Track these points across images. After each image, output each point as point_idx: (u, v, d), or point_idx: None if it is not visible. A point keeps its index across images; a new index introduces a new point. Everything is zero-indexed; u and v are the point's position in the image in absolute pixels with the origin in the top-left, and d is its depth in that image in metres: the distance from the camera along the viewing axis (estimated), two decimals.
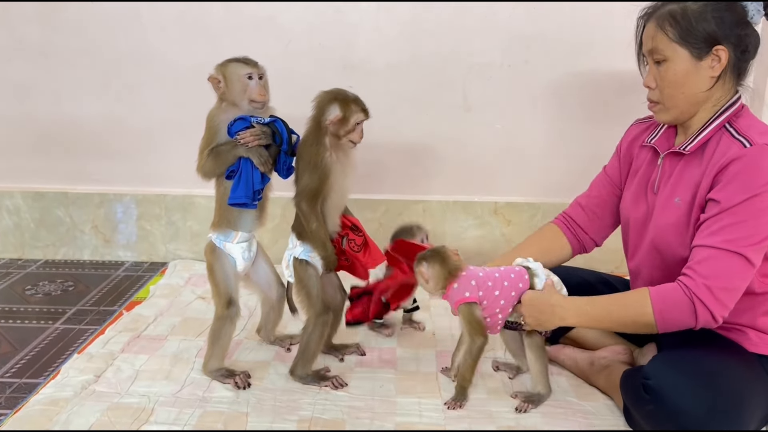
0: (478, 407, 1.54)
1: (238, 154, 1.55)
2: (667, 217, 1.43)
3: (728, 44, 1.34)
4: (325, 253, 1.61)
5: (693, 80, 1.38)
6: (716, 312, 1.30)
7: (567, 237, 1.70)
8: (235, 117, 1.56)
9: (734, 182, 1.31)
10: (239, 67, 1.57)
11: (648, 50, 1.42)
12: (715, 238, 1.31)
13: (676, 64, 1.37)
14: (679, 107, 1.42)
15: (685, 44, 1.36)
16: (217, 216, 1.64)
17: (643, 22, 1.45)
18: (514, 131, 2.47)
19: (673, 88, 1.40)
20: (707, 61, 1.36)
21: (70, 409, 1.50)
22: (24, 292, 2.29)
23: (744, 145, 1.32)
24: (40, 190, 2.58)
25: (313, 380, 1.63)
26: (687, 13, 1.35)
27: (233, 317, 1.63)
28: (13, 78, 2.48)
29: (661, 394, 1.29)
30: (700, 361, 1.33)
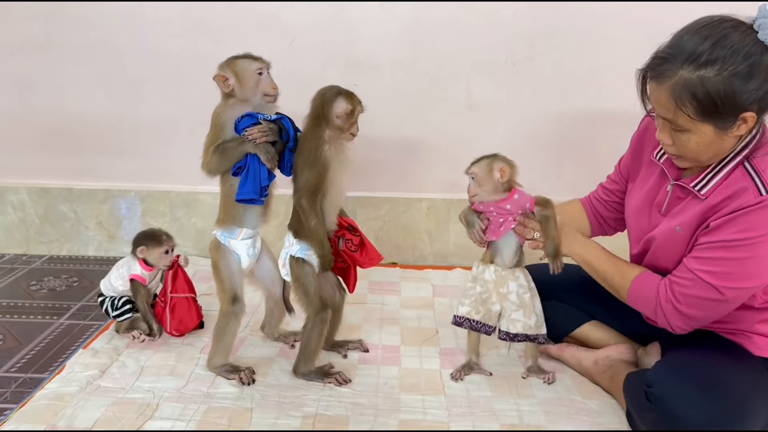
0: (482, 404, 1.55)
1: (245, 151, 1.56)
2: (667, 241, 1.41)
3: (755, 105, 1.21)
4: (321, 252, 1.61)
5: (717, 146, 1.28)
6: (674, 324, 1.36)
7: (588, 218, 1.74)
8: (242, 114, 1.56)
9: (739, 221, 1.25)
10: (250, 63, 1.58)
11: (663, 117, 1.29)
12: (700, 266, 1.30)
13: (699, 136, 1.26)
14: (702, 162, 1.33)
15: (709, 120, 1.23)
16: (222, 213, 1.65)
17: (644, 79, 1.30)
18: (517, 129, 2.47)
19: (695, 154, 1.30)
20: (734, 128, 1.24)
21: (76, 404, 1.50)
22: (29, 288, 2.30)
23: (760, 191, 1.23)
24: (45, 185, 2.59)
25: (316, 377, 1.63)
26: (708, 88, 1.19)
27: (238, 314, 1.64)
28: (18, 74, 2.49)
29: (664, 402, 1.28)
30: (703, 367, 1.33)
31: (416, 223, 2.55)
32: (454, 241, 2.55)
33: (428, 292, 2.25)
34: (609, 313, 1.70)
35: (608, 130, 2.42)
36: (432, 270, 2.46)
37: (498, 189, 1.57)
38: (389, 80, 2.42)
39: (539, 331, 1.62)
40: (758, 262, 1.27)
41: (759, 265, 1.27)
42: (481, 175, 1.57)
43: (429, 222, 2.55)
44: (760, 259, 1.26)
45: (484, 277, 1.63)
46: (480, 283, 1.63)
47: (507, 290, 1.60)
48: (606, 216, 1.73)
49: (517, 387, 1.63)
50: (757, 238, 1.24)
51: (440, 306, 2.11)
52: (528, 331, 1.60)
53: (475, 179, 1.58)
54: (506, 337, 1.61)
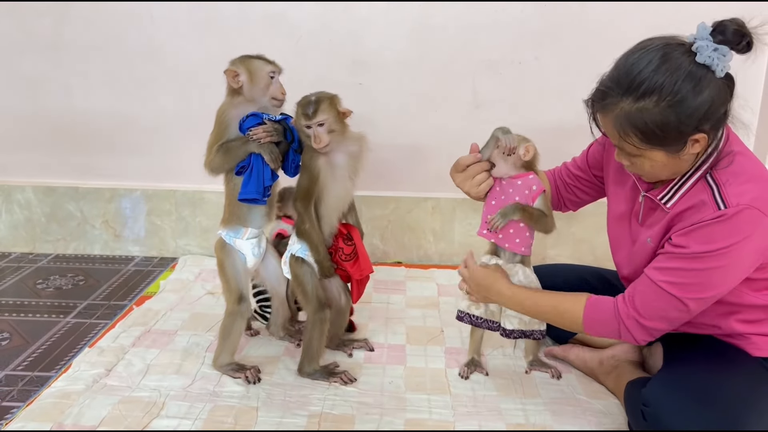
0: (488, 404, 1.55)
1: (249, 150, 1.56)
2: (640, 251, 1.41)
3: (704, 125, 1.19)
4: (317, 257, 1.62)
5: (673, 166, 1.27)
6: (639, 338, 1.34)
7: (552, 191, 1.71)
8: (247, 113, 1.57)
9: (699, 233, 1.24)
10: (264, 65, 1.59)
11: (613, 143, 1.30)
12: (662, 276, 1.29)
13: (651, 161, 1.26)
14: (662, 179, 1.33)
15: (656, 147, 1.22)
16: (227, 213, 1.65)
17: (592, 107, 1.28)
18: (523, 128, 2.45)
19: (653, 175, 1.31)
20: (686, 149, 1.22)
21: (82, 402, 1.51)
22: (35, 286, 2.30)
23: (719, 206, 1.22)
24: (51, 184, 2.60)
25: (321, 376, 1.63)
26: (647, 120, 1.18)
27: (244, 313, 1.64)
28: (25, 73, 2.49)
29: (659, 422, 1.27)
30: (699, 380, 1.31)
31: (421, 222, 2.54)
32: (459, 240, 2.55)
33: (433, 292, 2.24)
34: None
35: None
36: (437, 269, 2.46)
37: (516, 164, 1.58)
38: (395, 79, 2.42)
39: (535, 327, 1.60)
40: (721, 273, 1.25)
41: (722, 275, 1.26)
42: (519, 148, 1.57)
43: (434, 221, 2.55)
44: (722, 269, 1.25)
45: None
46: None
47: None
48: (565, 196, 1.72)
49: (523, 386, 1.62)
50: (718, 251, 1.23)
51: (445, 305, 2.11)
52: (523, 326, 1.59)
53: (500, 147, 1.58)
54: (505, 334, 1.61)
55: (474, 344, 1.71)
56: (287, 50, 2.35)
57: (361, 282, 1.72)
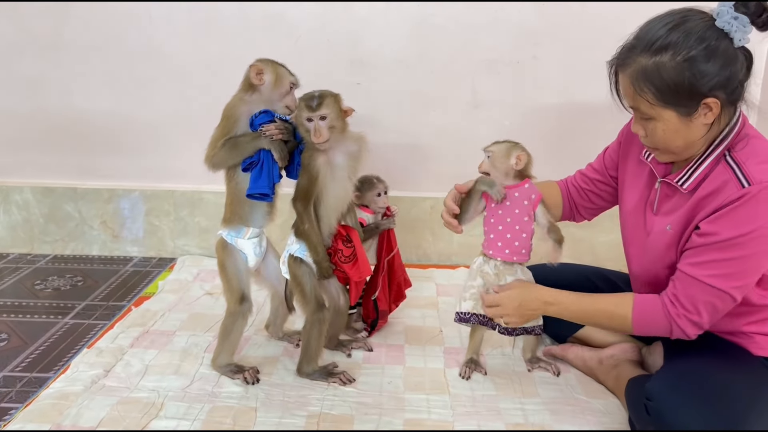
0: (487, 403, 1.55)
1: (259, 146, 1.56)
2: (659, 240, 1.41)
3: (718, 91, 1.22)
4: (316, 257, 1.62)
5: (685, 134, 1.28)
6: (691, 334, 1.34)
7: (563, 200, 1.71)
8: (260, 110, 1.58)
9: (727, 218, 1.25)
10: (288, 74, 1.61)
11: (629, 105, 1.33)
12: (702, 271, 1.29)
13: (664, 123, 1.28)
14: (676, 152, 1.34)
15: (669, 106, 1.25)
16: (229, 212, 1.65)
17: (614, 69, 1.33)
18: (522, 127, 2.46)
19: (665, 142, 1.31)
20: (698, 114, 1.25)
21: (81, 403, 1.51)
22: (33, 287, 2.30)
23: (742, 183, 1.24)
24: (50, 185, 2.60)
25: (320, 376, 1.63)
26: (662, 73, 1.22)
27: (246, 313, 1.64)
28: (24, 73, 2.49)
29: (663, 416, 1.27)
30: (702, 376, 1.31)
31: (420, 222, 2.54)
32: (458, 240, 2.54)
33: (432, 291, 2.24)
34: None
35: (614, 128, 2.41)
36: (436, 269, 2.46)
37: (509, 174, 1.57)
38: (394, 79, 2.42)
39: (536, 322, 1.61)
40: (758, 257, 1.27)
41: (759, 259, 1.27)
42: (498, 155, 1.57)
43: (433, 221, 2.54)
44: (758, 254, 1.26)
45: (484, 269, 1.62)
46: (481, 275, 1.62)
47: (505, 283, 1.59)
48: (579, 204, 1.71)
49: (522, 386, 1.62)
50: (749, 234, 1.24)
51: (444, 305, 2.11)
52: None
53: (491, 158, 1.58)
54: (505, 331, 1.61)
55: (474, 344, 1.71)
56: (286, 50, 2.35)
57: (359, 283, 1.72)
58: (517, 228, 1.58)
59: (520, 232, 1.58)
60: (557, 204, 1.71)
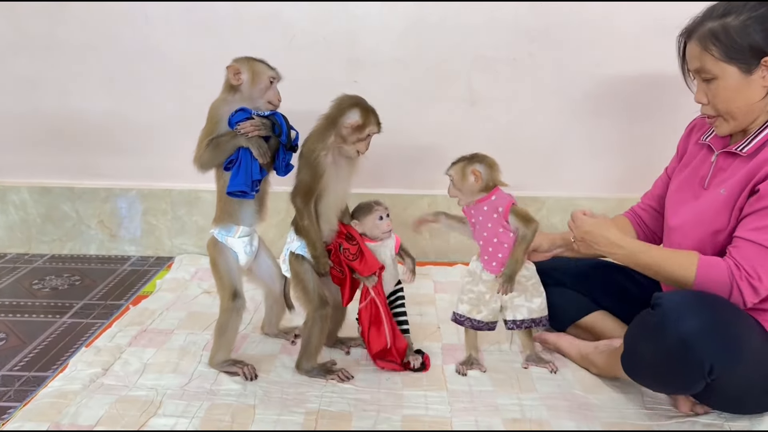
0: (485, 399, 1.55)
1: (237, 144, 1.57)
2: (710, 205, 1.45)
3: None
4: (314, 252, 1.62)
5: (746, 94, 1.39)
6: (749, 300, 1.36)
7: (635, 229, 1.76)
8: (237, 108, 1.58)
9: None
10: (266, 69, 1.61)
11: (695, 69, 1.44)
12: (764, 235, 1.34)
13: (726, 81, 1.39)
14: (736, 119, 1.43)
15: (732, 61, 1.37)
16: (219, 210, 1.65)
17: (684, 39, 1.46)
18: (519, 125, 2.47)
19: (726, 104, 1.41)
20: (758, 74, 1.37)
21: (79, 401, 1.51)
22: (31, 287, 2.30)
23: None
24: (47, 185, 2.60)
25: (319, 373, 1.64)
26: (729, 31, 1.36)
27: (239, 309, 1.65)
28: (20, 73, 2.49)
29: (668, 308, 1.31)
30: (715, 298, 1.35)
31: None
32: (455, 237, 2.55)
33: (430, 289, 2.25)
34: (618, 303, 1.71)
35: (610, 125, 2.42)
36: (433, 266, 2.46)
37: (474, 190, 1.58)
38: (390, 77, 2.42)
39: (543, 313, 1.64)
40: None
41: None
42: (456, 178, 1.59)
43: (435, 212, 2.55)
44: None
45: (482, 277, 1.64)
46: (481, 283, 1.65)
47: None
48: (653, 226, 1.74)
49: (519, 382, 1.63)
50: None
51: (442, 302, 2.11)
52: (533, 314, 1.63)
53: (452, 182, 1.59)
54: (513, 325, 1.64)
55: (470, 341, 1.72)
56: (282, 49, 2.35)
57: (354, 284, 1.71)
58: (495, 240, 1.61)
59: (500, 244, 1.60)
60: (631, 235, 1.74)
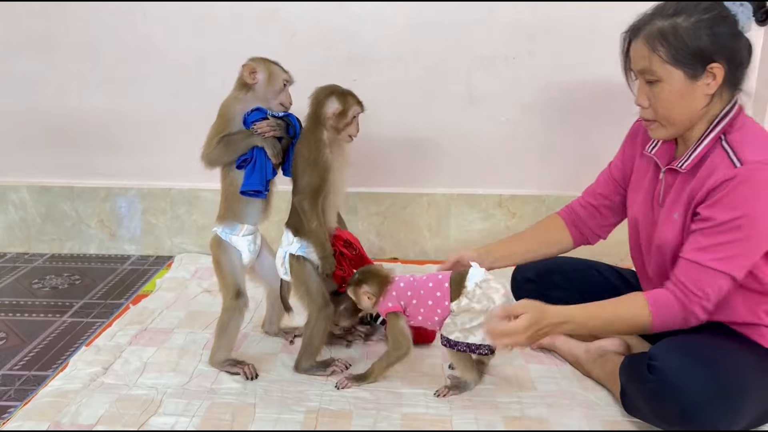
0: (484, 397, 1.55)
1: (252, 144, 1.57)
2: (667, 230, 1.43)
3: (723, 60, 1.31)
4: (323, 253, 1.60)
5: (688, 100, 1.35)
6: (702, 319, 1.35)
7: (569, 230, 1.72)
8: (253, 107, 1.58)
9: (723, 201, 1.29)
10: (281, 72, 1.62)
11: (639, 69, 1.38)
12: (705, 255, 1.31)
13: (671, 84, 1.34)
14: (675, 125, 1.39)
15: (679, 65, 1.32)
16: (223, 209, 1.65)
17: (629, 37, 1.40)
18: (518, 123, 2.47)
19: (667, 109, 1.37)
20: (702, 80, 1.32)
21: (79, 400, 1.51)
22: (31, 286, 2.30)
23: (734, 164, 1.29)
24: (46, 184, 2.60)
25: (318, 369, 1.64)
26: (679, 32, 1.31)
27: (242, 308, 1.64)
28: (19, 72, 2.49)
29: (666, 373, 1.29)
30: (708, 346, 1.34)
31: (417, 218, 2.55)
32: (455, 236, 2.55)
33: None
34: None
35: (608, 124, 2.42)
36: (433, 265, 2.45)
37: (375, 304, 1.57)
38: (389, 76, 2.42)
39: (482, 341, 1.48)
40: (759, 237, 1.30)
41: (761, 239, 1.30)
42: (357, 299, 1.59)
43: (430, 217, 2.55)
44: (760, 234, 1.30)
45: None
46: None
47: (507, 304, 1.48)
48: (591, 223, 1.71)
49: (519, 380, 1.63)
50: (747, 215, 1.27)
51: None
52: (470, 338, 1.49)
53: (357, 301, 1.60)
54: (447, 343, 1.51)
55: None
56: (281, 47, 2.35)
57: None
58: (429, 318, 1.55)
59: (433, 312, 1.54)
60: (562, 237, 1.72)
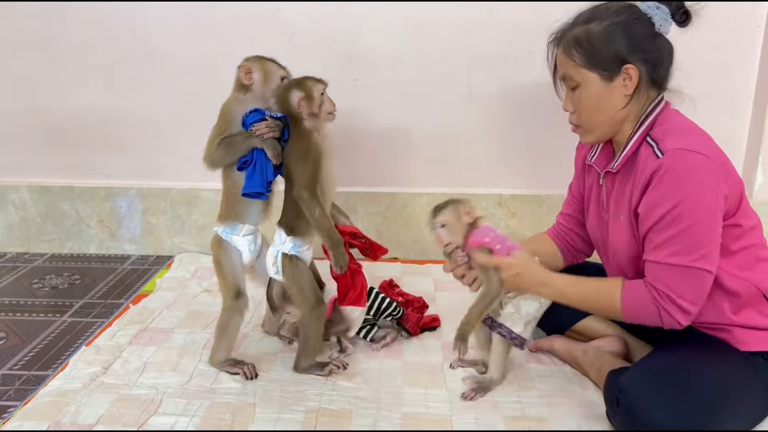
0: (485, 398, 1.55)
1: (252, 145, 1.57)
2: (617, 234, 1.45)
3: (637, 61, 1.34)
4: (332, 243, 1.57)
5: (607, 102, 1.38)
6: (682, 320, 1.34)
7: (558, 247, 1.74)
8: (251, 108, 1.58)
9: (654, 194, 1.30)
10: (277, 68, 1.62)
11: (561, 76, 1.43)
12: (660, 253, 1.32)
13: (588, 88, 1.38)
14: (599, 129, 1.42)
15: (593, 68, 1.36)
16: (224, 209, 1.65)
17: (554, 46, 1.44)
18: (517, 122, 2.47)
19: (589, 112, 1.41)
20: (618, 81, 1.35)
21: (80, 400, 1.51)
22: (31, 286, 2.30)
23: (657, 155, 1.30)
24: (46, 184, 2.60)
25: (316, 369, 1.64)
26: (591, 37, 1.35)
27: (242, 308, 1.64)
28: (19, 72, 2.49)
29: (632, 408, 1.28)
30: (678, 368, 1.32)
31: (417, 217, 2.55)
32: None
33: (430, 287, 2.25)
34: None
35: None
36: (433, 264, 2.46)
37: (464, 230, 1.55)
38: (389, 75, 2.42)
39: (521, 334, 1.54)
40: (702, 222, 1.29)
41: (704, 224, 1.29)
42: (452, 222, 1.54)
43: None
44: (701, 220, 1.29)
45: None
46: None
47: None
48: (574, 243, 1.73)
49: (519, 379, 1.63)
50: (683, 203, 1.27)
51: (442, 300, 2.11)
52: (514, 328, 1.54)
53: (447, 228, 1.55)
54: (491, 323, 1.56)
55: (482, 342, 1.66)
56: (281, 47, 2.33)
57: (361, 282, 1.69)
58: None
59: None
60: (554, 254, 1.73)
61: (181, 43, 2.42)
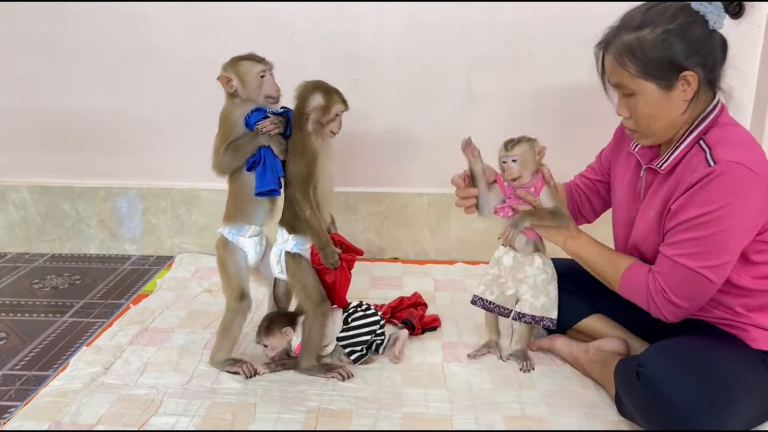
0: (484, 398, 1.55)
1: (259, 144, 1.58)
2: (643, 226, 1.46)
3: (695, 66, 1.30)
4: (320, 242, 1.59)
5: (666, 109, 1.35)
6: (667, 314, 1.37)
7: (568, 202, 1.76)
8: (251, 109, 1.59)
9: (694, 197, 1.30)
10: (253, 66, 1.59)
11: (613, 84, 1.39)
12: (673, 251, 1.34)
13: (645, 97, 1.34)
14: (657, 134, 1.40)
15: (650, 78, 1.32)
16: (231, 210, 1.65)
17: (601, 51, 1.40)
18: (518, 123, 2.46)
19: (647, 120, 1.38)
20: (677, 89, 1.32)
21: (80, 400, 1.51)
22: (31, 286, 2.30)
23: (709, 163, 1.29)
24: (47, 184, 2.60)
25: (319, 371, 1.64)
26: (643, 46, 1.30)
27: (245, 310, 1.65)
28: (19, 72, 2.49)
29: (653, 380, 1.29)
30: (696, 351, 1.34)
31: (417, 218, 2.55)
32: (455, 235, 2.55)
33: (430, 287, 2.25)
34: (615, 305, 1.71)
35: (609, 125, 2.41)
36: (433, 264, 2.46)
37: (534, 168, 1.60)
38: (390, 75, 2.42)
39: (546, 314, 1.64)
40: (727, 235, 1.29)
41: (728, 238, 1.29)
42: (526, 156, 1.58)
43: (430, 217, 2.55)
44: (727, 232, 1.29)
45: (502, 262, 1.67)
46: (498, 267, 1.68)
47: (524, 275, 1.64)
48: (581, 206, 1.76)
49: (519, 379, 1.63)
50: (718, 211, 1.27)
51: (442, 300, 2.11)
52: (534, 311, 1.63)
53: (519, 161, 1.58)
54: (517, 317, 1.65)
55: (489, 324, 1.76)
56: (281, 47, 2.35)
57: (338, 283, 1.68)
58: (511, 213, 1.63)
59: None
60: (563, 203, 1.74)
61: (181, 43, 2.42)
